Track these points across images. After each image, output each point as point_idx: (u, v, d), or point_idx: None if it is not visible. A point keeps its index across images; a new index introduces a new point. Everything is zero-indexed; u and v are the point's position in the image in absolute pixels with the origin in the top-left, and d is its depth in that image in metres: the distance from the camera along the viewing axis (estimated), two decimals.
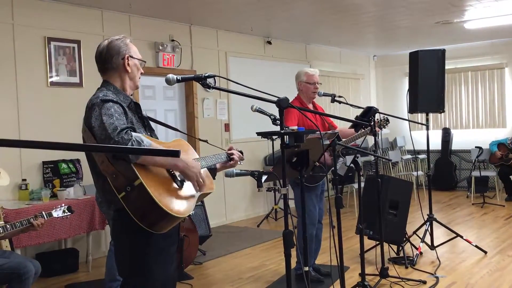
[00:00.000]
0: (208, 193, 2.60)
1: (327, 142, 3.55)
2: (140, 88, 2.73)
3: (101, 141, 2.23)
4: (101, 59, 2.51)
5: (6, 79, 5.25)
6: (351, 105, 4.55)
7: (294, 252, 2.60)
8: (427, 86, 5.56)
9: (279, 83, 7.88)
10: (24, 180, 5.22)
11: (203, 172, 2.60)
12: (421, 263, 5.10)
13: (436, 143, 9.83)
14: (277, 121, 2.67)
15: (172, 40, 6.86)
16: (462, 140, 10.00)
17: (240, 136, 7.76)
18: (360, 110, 4.31)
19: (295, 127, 2.71)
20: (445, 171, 9.96)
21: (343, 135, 4.51)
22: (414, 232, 5.66)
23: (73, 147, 1.22)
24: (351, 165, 4.10)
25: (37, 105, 5.46)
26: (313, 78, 4.60)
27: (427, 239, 5.39)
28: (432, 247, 5.34)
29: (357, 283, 4.21)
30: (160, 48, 6.60)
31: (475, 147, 8.73)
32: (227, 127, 7.72)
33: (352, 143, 4.60)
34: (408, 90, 5.67)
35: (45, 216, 3.66)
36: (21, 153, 5.33)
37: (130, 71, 2.51)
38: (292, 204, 5.64)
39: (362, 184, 4.97)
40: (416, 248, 5.23)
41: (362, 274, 4.13)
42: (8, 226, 3.54)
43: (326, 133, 3.57)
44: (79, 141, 2.50)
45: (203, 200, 5.42)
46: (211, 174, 2.75)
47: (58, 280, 5.10)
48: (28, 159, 5.33)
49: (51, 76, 5.57)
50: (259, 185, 2.73)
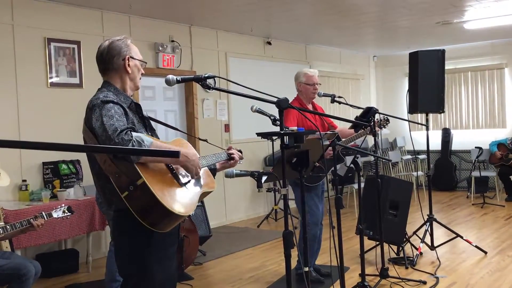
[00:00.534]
0: (209, 192, 2.61)
1: (327, 143, 3.55)
2: (140, 88, 2.72)
3: (102, 142, 2.24)
4: (101, 60, 2.51)
5: (6, 80, 5.25)
6: (351, 105, 4.54)
7: (294, 252, 2.60)
8: (427, 86, 5.56)
9: (279, 84, 7.88)
10: (24, 180, 5.23)
11: (204, 171, 2.61)
12: (421, 264, 5.10)
13: (436, 143, 9.83)
14: (277, 121, 2.66)
15: (172, 41, 6.86)
16: (462, 140, 10.00)
17: (240, 137, 7.77)
18: (360, 111, 4.31)
19: (294, 128, 2.71)
20: (445, 171, 9.96)
21: (343, 135, 4.51)
22: (414, 233, 5.66)
23: (73, 148, 1.22)
24: (351, 165, 4.10)
25: (37, 105, 5.46)
26: (312, 79, 4.60)
27: (427, 239, 5.39)
28: (432, 247, 5.34)
29: (357, 283, 4.21)
30: (160, 48, 6.61)
31: (475, 147, 8.73)
32: (227, 128, 7.72)
33: (352, 143, 4.60)
34: (408, 90, 5.67)
35: (45, 216, 3.66)
36: (21, 153, 5.33)
37: (130, 72, 2.50)
38: (292, 205, 5.65)
39: (362, 185, 4.97)
40: (416, 249, 5.23)
41: (362, 275, 4.13)
42: (8, 226, 3.54)
43: (325, 133, 3.57)
44: (79, 141, 2.50)
45: (203, 201, 5.43)
46: (211, 173, 2.75)
47: (58, 280, 5.10)
48: (28, 159, 5.33)
49: (51, 77, 5.57)
50: (259, 185, 2.73)
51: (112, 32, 6.02)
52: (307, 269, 2.98)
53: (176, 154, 1.24)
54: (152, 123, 2.67)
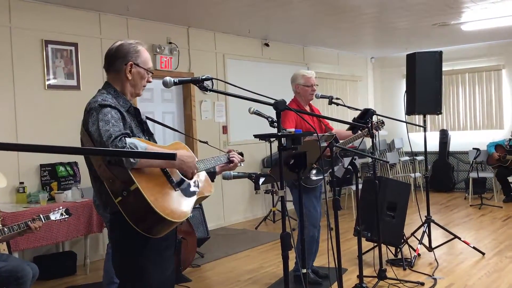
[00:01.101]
0: (207, 196, 2.60)
1: (324, 144, 3.55)
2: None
3: (97, 146, 2.23)
4: (107, 59, 2.50)
5: (3, 82, 5.25)
6: (348, 107, 4.55)
7: (292, 254, 2.60)
8: (425, 87, 5.57)
9: (276, 85, 7.88)
10: (21, 183, 5.22)
11: (202, 175, 2.60)
12: (419, 265, 5.10)
13: (433, 144, 9.84)
14: (274, 123, 2.66)
15: (170, 43, 6.86)
16: (459, 141, 10.01)
17: (238, 138, 7.77)
18: (358, 112, 4.32)
19: (292, 130, 2.71)
20: (442, 172, 9.97)
21: (339, 137, 4.51)
22: (412, 234, 5.66)
23: (69, 150, 1.22)
24: (349, 167, 4.10)
25: (34, 108, 5.46)
26: (310, 81, 4.60)
27: (425, 240, 5.39)
28: (430, 248, 5.35)
29: (355, 285, 4.22)
30: (158, 50, 6.61)
31: (473, 148, 8.74)
32: (225, 129, 7.72)
33: (350, 144, 4.60)
34: (406, 92, 5.67)
35: (43, 219, 3.66)
36: (18, 156, 5.32)
37: (130, 78, 2.47)
38: (290, 206, 5.65)
39: (360, 186, 4.97)
40: (414, 250, 5.23)
41: (360, 276, 4.13)
42: (5, 229, 3.53)
43: (323, 135, 3.57)
44: (76, 143, 2.49)
45: (201, 203, 5.42)
46: (210, 177, 2.74)
47: (55, 283, 5.09)
48: (25, 162, 5.32)
49: (48, 79, 5.57)
50: (257, 187, 2.73)
51: (109, 34, 6.02)
52: (305, 271, 2.99)
53: (172, 156, 1.24)
54: (152, 125, 2.66)
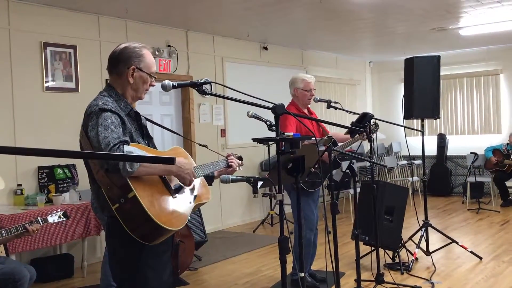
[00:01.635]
0: (204, 202, 2.60)
1: (322, 148, 3.56)
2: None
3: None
4: (110, 61, 2.49)
5: (2, 84, 5.24)
6: (347, 111, 4.56)
7: (289, 258, 2.60)
8: (423, 92, 5.58)
9: (275, 89, 7.90)
10: (19, 185, 5.21)
11: (200, 181, 2.60)
12: (416, 269, 5.10)
13: (431, 149, 9.86)
14: (273, 127, 2.67)
15: (169, 46, 6.87)
16: (457, 146, 10.03)
17: (236, 142, 7.77)
18: (356, 116, 4.33)
19: (291, 133, 2.72)
20: (440, 176, 9.99)
21: (337, 139, 4.52)
22: (410, 238, 5.67)
23: (67, 154, 1.22)
24: (347, 170, 4.10)
25: (33, 110, 5.45)
26: (310, 85, 4.61)
27: (423, 245, 5.40)
28: (427, 253, 5.35)
29: None
30: (157, 53, 6.61)
31: (471, 153, 8.76)
32: (223, 133, 7.72)
33: (348, 148, 4.61)
34: (404, 96, 5.69)
35: (40, 222, 3.65)
36: (16, 158, 5.31)
37: (132, 82, 2.45)
38: (288, 210, 5.65)
39: (358, 190, 4.98)
40: (412, 254, 5.24)
41: (358, 280, 4.13)
42: (3, 231, 3.53)
43: (321, 139, 3.58)
44: (75, 146, 2.49)
45: None
46: (209, 181, 2.74)
47: (53, 285, 5.08)
48: (23, 164, 5.32)
49: (47, 81, 5.57)
50: (255, 191, 2.73)
51: (108, 37, 6.02)
52: (302, 274, 2.98)
53: (170, 161, 1.24)
54: (151, 129, 2.66)
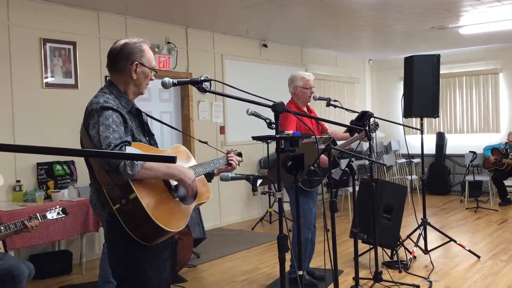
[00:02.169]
0: (204, 202, 2.60)
1: (322, 147, 3.56)
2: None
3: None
4: (110, 58, 2.47)
5: (1, 80, 5.23)
6: (346, 109, 4.56)
7: (288, 255, 2.60)
8: (422, 90, 5.59)
9: (274, 86, 7.88)
10: (18, 181, 5.21)
11: (200, 180, 2.59)
12: (414, 267, 5.11)
13: (430, 147, 9.86)
14: (272, 125, 2.67)
15: (168, 43, 6.86)
16: (456, 144, 10.04)
17: (236, 139, 7.76)
18: (355, 115, 4.32)
19: (290, 132, 2.72)
20: (439, 175, 10.00)
21: (336, 137, 4.52)
22: (408, 236, 5.68)
23: (66, 152, 1.22)
24: (346, 169, 4.11)
25: (32, 106, 5.45)
26: (309, 83, 4.61)
27: (421, 243, 5.40)
28: (425, 251, 5.36)
29: (350, 287, 4.23)
30: (156, 50, 6.60)
31: (469, 151, 8.76)
32: (222, 130, 7.72)
33: (347, 147, 4.61)
34: (403, 94, 5.69)
35: (39, 218, 3.65)
36: (15, 154, 5.31)
37: (135, 78, 2.44)
38: (286, 208, 5.65)
39: (357, 188, 4.98)
40: (410, 252, 5.24)
41: (356, 278, 4.14)
42: (2, 227, 3.53)
43: (321, 137, 3.58)
44: (74, 142, 2.49)
45: None
46: (208, 177, 2.74)
47: (51, 282, 5.08)
48: (22, 160, 5.31)
49: (46, 77, 5.56)
50: (254, 189, 2.73)
51: (108, 33, 6.02)
52: (301, 272, 2.99)
53: (172, 160, 1.24)
54: (151, 125, 2.65)
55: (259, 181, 2.73)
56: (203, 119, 7.41)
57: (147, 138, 2.50)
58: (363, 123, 4.19)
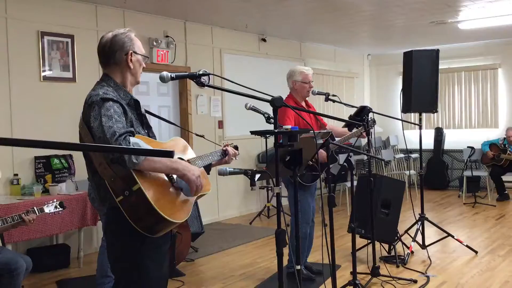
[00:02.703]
0: (205, 194, 2.60)
1: (320, 141, 3.55)
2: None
3: (98, 142, 2.21)
4: (103, 53, 2.46)
5: None
6: (345, 104, 4.55)
7: (286, 250, 2.60)
8: (421, 86, 5.58)
9: (273, 81, 7.88)
10: (16, 175, 5.20)
11: (200, 172, 2.59)
12: (412, 262, 5.12)
13: (428, 142, 9.87)
14: (271, 119, 2.66)
15: (167, 36, 6.83)
16: (454, 140, 10.05)
17: (234, 133, 7.76)
18: (354, 109, 4.32)
19: (289, 126, 2.71)
20: (437, 170, 10.01)
21: (335, 133, 4.51)
22: (406, 231, 5.69)
23: (66, 146, 1.21)
24: (344, 163, 4.11)
25: (29, 99, 5.43)
26: (308, 78, 4.59)
27: (419, 238, 5.42)
28: (423, 246, 5.37)
29: (348, 281, 4.23)
30: (154, 44, 6.58)
31: (467, 147, 8.77)
32: (220, 124, 7.71)
33: (345, 142, 4.60)
34: (402, 89, 5.68)
35: (37, 211, 3.65)
36: (13, 147, 5.29)
37: (132, 67, 2.45)
38: (285, 202, 5.66)
39: (355, 183, 4.99)
40: (408, 247, 5.25)
41: (354, 273, 4.15)
42: None
43: (319, 132, 3.57)
44: (72, 136, 2.48)
45: None
46: (206, 169, 2.75)
47: (49, 275, 5.09)
48: (20, 153, 5.30)
49: (44, 71, 5.54)
50: (252, 183, 2.72)
51: (106, 27, 5.98)
52: (298, 267, 2.99)
53: (169, 154, 1.24)
54: (148, 119, 2.64)
55: (257, 175, 2.73)
56: (201, 114, 7.39)
57: (146, 131, 2.49)
58: (361, 118, 4.18)
